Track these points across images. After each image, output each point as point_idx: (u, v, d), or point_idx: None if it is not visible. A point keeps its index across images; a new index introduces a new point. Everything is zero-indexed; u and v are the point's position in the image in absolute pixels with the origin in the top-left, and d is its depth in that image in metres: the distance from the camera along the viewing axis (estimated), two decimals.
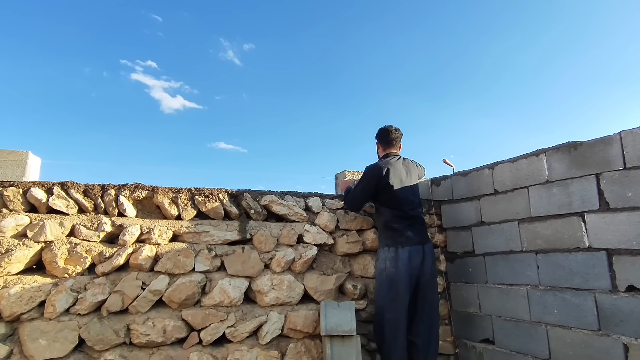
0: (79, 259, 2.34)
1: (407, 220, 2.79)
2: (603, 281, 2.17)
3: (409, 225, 2.78)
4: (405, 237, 2.74)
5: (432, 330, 2.75)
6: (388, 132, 3.02)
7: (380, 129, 3.06)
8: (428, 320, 2.74)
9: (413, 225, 2.79)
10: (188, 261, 2.54)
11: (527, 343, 2.56)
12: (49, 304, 2.24)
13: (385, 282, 2.72)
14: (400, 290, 2.65)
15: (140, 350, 2.39)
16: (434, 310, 2.79)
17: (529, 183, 2.61)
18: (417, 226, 2.82)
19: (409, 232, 2.75)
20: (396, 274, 2.67)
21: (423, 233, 2.85)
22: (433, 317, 2.78)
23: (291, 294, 2.73)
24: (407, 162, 2.99)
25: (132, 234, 2.46)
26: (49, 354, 2.20)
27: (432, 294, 2.79)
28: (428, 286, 2.76)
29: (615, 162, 2.16)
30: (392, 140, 3.01)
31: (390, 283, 2.69)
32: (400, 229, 2.76)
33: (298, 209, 2.90)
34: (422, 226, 2.88)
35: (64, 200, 2.42)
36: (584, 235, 2.28)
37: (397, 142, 3.04)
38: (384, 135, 3.03)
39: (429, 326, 2.74)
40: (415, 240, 2.74)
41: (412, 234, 2.75)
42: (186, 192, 2.68)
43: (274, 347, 2.62)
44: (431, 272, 2.78)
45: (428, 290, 2.76)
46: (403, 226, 2.76)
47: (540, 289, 2.50)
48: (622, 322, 2.07)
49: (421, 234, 2.82)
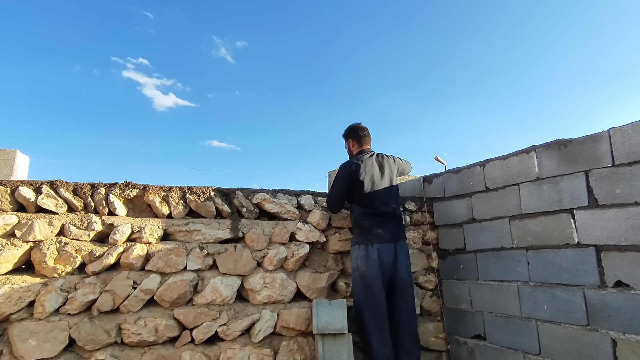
0: (69, 259, 2.32)
1: (378, 217, 2.74)
2: (592, 277, 2.20)
3: (380, 222, 2.73)
4: (374, 234, 2.70)
5: (409, 330, 2.70)
6: (360, 129, 3.02)
7: (351, 127, 3.05)
8: (405, 323, 2.69)
9: (384, 222, 2.74)
10: (180, 260, 2.53)
11: (518, 338, 2.59)
12: (39, 304, 2.22)
13: (359, 281, 2.70)
14: (375, 288, 2.62)
15: (132, 350, 2.38)
16: (412, 309, 2.75)
17: (520, 180, 2.63)
18: (390, 223, 2.76)
19: (379, 230, 2.70)
20: (368, 273, 2.65)
21: (396, 231, 2.79)
22: (410, 320, 2.72)
23: (283, 292, 2.73)
24: (381, 157, 2.94)
25: (122, 233, 2.45)
26: (39, 354, 2.19)
27: (409, 293, 2.74)
28: (404, 285, 2.71)
29: (604, 159, 2.18)
30: (365, 136, 3.00)
31: (363, 282, 2.67)
32: (370, 226, 2.72)
33: (290, 207, 2.89)
34: (396, 223, 2.81)
35: (53, 200, 2.39)
36: (573, 231, 2.30)
37: (368, 139, 3.03)
38: (356, 132, 3.02)
39: (407, 327, 2.69)
40: (386, 238, 2.70)
41: (382, 231, 2.71)
42: (177, 191, 2.66)
43: (266, 345, 2.62)
44: (407, 271, 2.74)
45: (405, 289, 2.71)
46: (373, 223, 2.72)
47: (530, 285, 2.53)
48: (610, 317, 2.10)
49: (394, 232, 2.76)
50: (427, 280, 3.19)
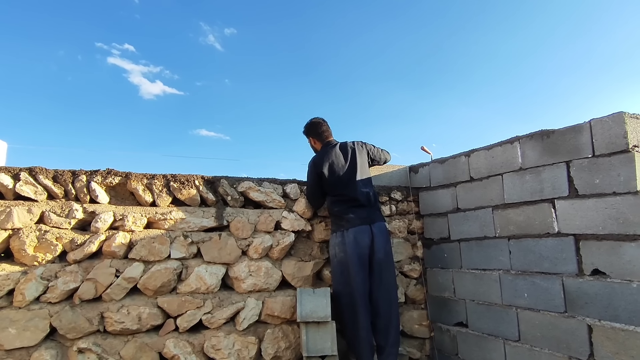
0: (49, 247, 2.29)
1: (347, 202, 2.78)
2: (570, 265, 2.24)
3: (350, 207, 2.76)
4: (346, 219, 2.74)
5: (391, 309, 2.72)
6: (317, 124, 3.03)
7: (309, 124, 3.06)
8: (385, 300, 2.71)
9: (355, 207, 2.76)
10: (163, 248, 2.51)
11: (499, 325, 2.64)
12: (18, 292, 2.19)
13: (337, 268, 2.76)
14: (352, 273, 2.65)
15: (115, 338, 2.37)
16: (391, 289, 2.77)
17: (504, 170, 2.66)
18: (361, 207, 2.77)
19: (351, 215, 2.74)
20: (345, 258, 2.69)
21: (370, 213, 2.79)
22: (391, 297, 2.75)
23: (269, 281, 2.73)
24: (344, 145, 2.95)
25: (104, 220, 2.42)
26: (19, 342, 2.17)
27: (388, 273, 2.76)
28: (382, 265, 2.72)
29: (584, 149, 2.21)
30: (324, 131, 3.02)
31: (341, 268, 2.72)
32: (341, 212, 2.78)
33: (276, 195, 2.89)
34: (369, 206, 2.80)
35: (32, 187, 2.34)
36: (553, 221, 2.34)
37: (328, 132, 3.03)
38: (314, 129, 3.03)
39: (388, 305, 2.72)
40: (359, 222, 2.72)
41: (354, 215, 2.73)
42: (161, 179, 2.63)
43: (251, 332, 2.64)
44: (385, 251, 2.75)
45: (383, 269, 2.73)
46: (343, 209, 2.77)
47: (511, 274, 2.57)
48: (587, 305, 2.15)
49: (367, 214, 2.76)
50: (411, 269, 3.23)
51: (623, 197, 2.03)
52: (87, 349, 2.27)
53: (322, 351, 2.52)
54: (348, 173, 2.84)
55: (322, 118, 3.08)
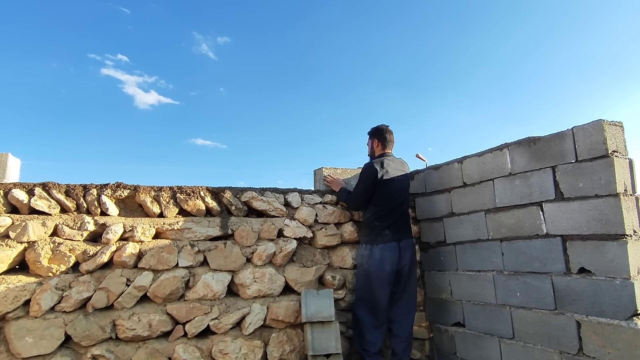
0: (63, 258, 2.40)
1: (389, 218, 2.92)
2: (559, 264, 2.37)
3: (390, 224, 2.91)
4: (381, 235, 2.89)
5: (409, 317, 2.96)
6: (387, 132, 3.14)
7: (379, 128, 3.16)
8: (405, 309, 2.95)
9: (393, 223, 2.93)
10: (171, 257, 2.62)
11: (494, 324, 2.76)
12: (34, 303, 2.29)
13: (361, 277, 2.95)
14: (373, 285, 2.85)
15: (127, 345, 2.46)
16: (412, 299, 3.00)
17: (494, 176, 2.79)
18: (398, 223, 2.96)
19: (387, 231, 2.90)
20: (369, 271, 2.87)
21: (403, 229, 2.98)
22: (410, 306, 2.99)
23: (273, 286, 2.84)
24: (399, 161, 3.13)
25: (115, 232, 2.53)
26: (36, 351, 2.26)
27: (410, 285, 2.98)
28: (406, 278, 2.94)
29: (568, 155, 2.35)
30: (390, 141, 3.14)
31: (365, 278, 2.91)
32: (379, 228, 2.91)
33: (278, 204, 3.01)
34: (404, 222, 3.02)
35: (45, 201, 2.46)
36: (542, 223, 2.47)
37: (392, 143, 3.16)
38: (383, 134, 3.13)
39: (406, 314, 2.95)
40: (390, 238, 2.88)
41: (389, 232, 2.90)
42: (168, 191, 2.75)
43: (257, 337, 2.74)
44: (410, 265, 2.94)
45: (407, 282, 2.94)
46: (383, 225, 2.91)
47: (504, 274, 2.70)
48: (575, 301, 2.28)
49: (400, 231, 2.95)
50: None
51: (604, 199, 2.17)
52: (101, 356, 2.37)
53: (327, 350, 2.64)
54: (399, 191, 2.99)
55: (390, 129, 3.17)
